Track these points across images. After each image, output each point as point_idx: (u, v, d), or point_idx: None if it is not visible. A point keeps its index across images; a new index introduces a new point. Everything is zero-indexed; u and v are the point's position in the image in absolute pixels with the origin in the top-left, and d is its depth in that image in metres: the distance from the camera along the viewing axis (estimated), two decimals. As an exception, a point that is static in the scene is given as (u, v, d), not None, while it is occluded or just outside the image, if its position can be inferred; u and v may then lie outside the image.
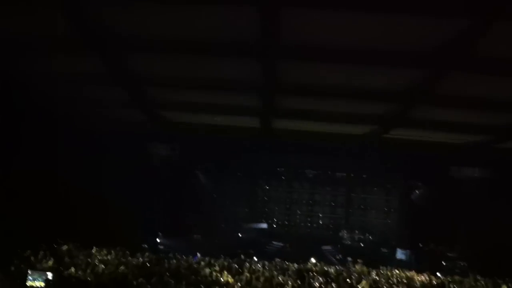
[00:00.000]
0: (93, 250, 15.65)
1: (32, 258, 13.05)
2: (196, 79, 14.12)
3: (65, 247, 15.49)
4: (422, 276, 16.24)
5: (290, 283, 12.43)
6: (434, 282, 15.19)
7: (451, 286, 14.44)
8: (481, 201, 20.12)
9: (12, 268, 11.48)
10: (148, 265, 14.09)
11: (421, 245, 21.30)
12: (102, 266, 12.68)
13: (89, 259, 13.81)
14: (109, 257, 14.83)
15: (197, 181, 22.39)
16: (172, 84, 14.74)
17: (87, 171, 19.02)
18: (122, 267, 12.63)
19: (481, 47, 10.22)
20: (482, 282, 15.28)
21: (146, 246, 18.02)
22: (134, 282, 11.09)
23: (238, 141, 19.76)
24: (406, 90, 13.65)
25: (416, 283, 14.72)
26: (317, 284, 12.97)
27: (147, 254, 16.01)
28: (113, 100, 16.57)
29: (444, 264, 19.68)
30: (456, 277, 16.32)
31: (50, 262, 12.64)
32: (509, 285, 14.79)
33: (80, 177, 18.88)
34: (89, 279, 11.26)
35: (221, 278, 12.53)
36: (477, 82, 12.65)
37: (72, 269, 11.95)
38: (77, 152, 18.62)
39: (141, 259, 14.90)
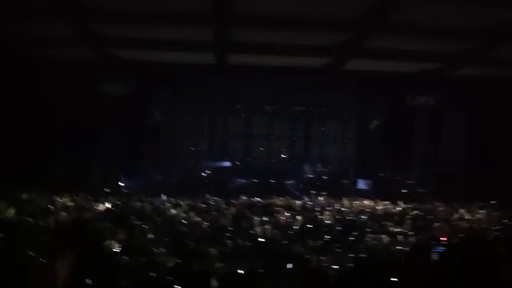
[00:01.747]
0: (55, 197, 15.38)
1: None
2: (146, 13, 13.73)
3: (25, 195, 15.18)
4: (383, 205, 16.69)
5: (257, 218, 12.53)
6: (395, 210, 15.60)
7: (411, 212, 14.86)
8: (437, 129, 20.59)
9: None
10: (113, 209, 13.98)
11: (381, 175, 21.77)
12: (64, 213, 12.47)
13: (51, 206, 13.55)
14: (71, 203, 14.60)
15: (155, 120, 22.08)
16: (121, 19, 14.30)
17: (43, 115, 18.56)
18: (86, 213, 12.45)
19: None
20: (441, 208, 15.80)
21: (108, 190, 17.82)
22: (99, 227, 10.95)
23: (194, 77, 19.44)
24: (360, 18, 13.60)
25: (377, 211, 15.10)
26: (283, 218, 13.14)
27: (110, 198, 15.85)
28: (60, 36, 15.97)
29: (404, 191, 20.21)
30: (415, 204, 16.84)
31: (12, 211, 12.34)
32: (465, 209, 15.35)
33: (37, 122, 18.46)
34: (52, 227, 11.07)
35: (188, 218, 12.53)
36: (431, 9, 12.71)
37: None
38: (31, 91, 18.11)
39: (105, 204, 14.75)
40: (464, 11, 12.71)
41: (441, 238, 10.56)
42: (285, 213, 13.88)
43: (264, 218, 12.71)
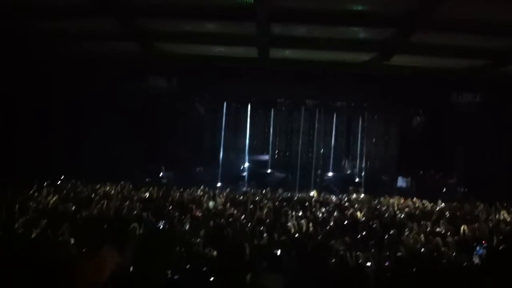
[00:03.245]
0: (97, 186, 15.74)
1: (36, 195, 13.10)
2: (190, 8, 13.88)
3: (68, 184, 15.60)
4: (422, 203, 16.44)
5: (293, 212, 12.54)
6: (434, 209, 15.33)
7: (451, 212, 14.58)
8: (481, 127, 20.09)
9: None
10: (152, 199, 14.20)
11: (421, 173, 21.42)
12: (105, 201, 12.73)
13: (93, 195, 13.87)
14: (112, 192, 14.92)
15: (197, 113, 22.28)
16: (165, 14, 14.50)
17: (88, 108, 19.03)
18: (127, 202, 12.68)
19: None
20: (482, 207, 15.45)
21: (149, 180, 18.12)
22: (139, 216, 11.15)
23: (236, 71, 19.55)
24: (406, 14, 13.43)
25: (416, 210, 14.87)
26: (319, 213, 13.10)
27: (150, 188, 16.10)
28: (105, 32, 16.30)
29: (445, 190, 19.85)
30: (456, 204, 16.53)
31: (55, 198, 12.68)
32: (509, 209, 14.98)
33: (81, 114, 18.93)
34: (94, 214, 11.32)
35: (226, 210, 12.63)
36: (477, 5, 12.45)
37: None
38: (76, 87, 18.57)
39: (145, 194, 15.00)
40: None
41: (482, 241, 10.42)
42: (322, 208, 13.84)
43: (301, 213, 12.73)
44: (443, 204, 16.39)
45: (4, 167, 15.87)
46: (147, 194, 14.75)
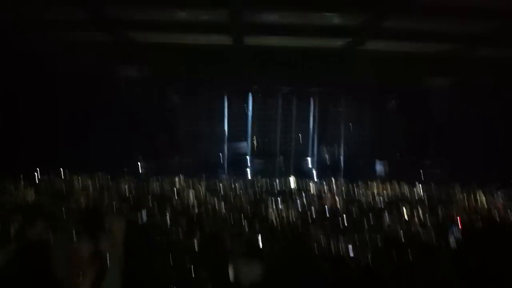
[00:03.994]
0: (74, 177, 15.58)
1: (13, 189, 12.92)
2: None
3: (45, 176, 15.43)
4: (399, 187, 16.64)
5: (273, 200, 12.59)
6: (411, 192, 15.54)
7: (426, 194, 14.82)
8: (455, 109, 20.37)
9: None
10: (131, 189, 14.12)
11: (398, 155, 21.65)
12: (83, 194, 12.62)
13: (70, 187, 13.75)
14: (90, 183, 14.78)
15: (172, 101, 22.14)
16: (137, 1, 14.33)
17: (60, 97, 18.73)
18: (105, 193, 12.60)
19: None
20: (458, 189, 15.71)
21: (126, 170, 17.97)
22: (118, 208, 11.08)
23: (210, 59, 19.42)
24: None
25: (394, 194, 15.08)
26: (299, 201, 13.17)
27: (128, 178, 16.01)
28: (75, 21, 16.04)
29: (422, 172, 20.11)
30: (432, 186, 16.78)
31: (32, 192, 12.53)
32: (484, 190, 15.25)
33: (54, 103, 18.63)
34: (71, 207, 11.21)
35: (206, 199, 12.63)
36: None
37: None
38: (47, 78, 18.27)
39: (123, 184, 14.90)
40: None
41: (458, 221, 10.63)
42: (302, 195, 13.92)
43: (281, 201, 12.79)
44: (420, 186, 16.61)
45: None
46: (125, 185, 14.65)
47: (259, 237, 9.10)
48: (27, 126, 17.96)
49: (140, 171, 19.21)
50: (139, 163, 20.26)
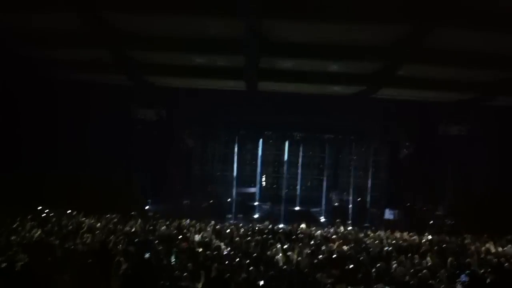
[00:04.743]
0: (82, 218, 15.57)
1: (20, 228, 12.93)
2: (180, 41, 13.99)
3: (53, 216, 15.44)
4: (409, 235, 16.37)
5: (279, 245, 12.45)
6: (422, 241, 15.26)
7: (439, 245, 14.55)
8: (469, 159, 20.20)
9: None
10: (138, 232, 14.05)
11: (409, 204, 21.38)
12: (90, 234, 12.59)
13: (78, 228, 13.72)
14: (98, 224, 14.76)
15: (185, 144, 22.24)
16: (158, 47, 14.60)
17: (73, 137, 18.94)
18: (112, 236, 12.56)
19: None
20: (469, 240, 15.44)
21: (135, 213, 17.93)
22: (124, 250, 11.04)
23: (225, 103, 19.60)
24: (393, 46, 13.55)
25: (404, 242, 14.81)
26: (306, 245, 13.01)
27: (136, 221, 15.96)
28: (97, 63, 16.37)
29: (432, 222, 19.82)
30: (443, 235, 16.51)
31: (38, 232, 12.53)
32: (495, 241, 14.99)
33: (66, 143, 18.81)
34: (79, 248, 11.19)
35: (213, 243, 12.54)
36: (465, 37, 12.60)
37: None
38: (63, 116, 18.55)
39: (131, 227, 14.86)
40: (499, 39, 12.53)
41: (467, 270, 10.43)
42: (308, 241, 13.76)
43: (289, 246, 12.64)
44: (430, 236, 16.34)
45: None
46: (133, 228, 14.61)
47: (265, 281, 9.01)
48: (43, 165, 18.09)
49: (149, 213, 19.14)
50: (148, 205, 20.27)
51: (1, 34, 14.30)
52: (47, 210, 16.08)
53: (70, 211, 16.20)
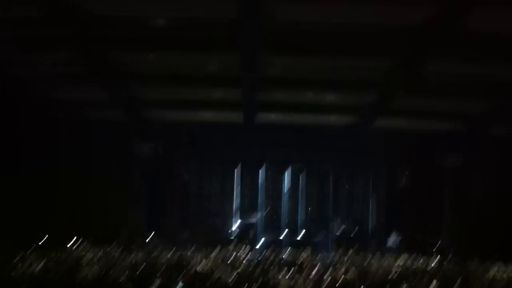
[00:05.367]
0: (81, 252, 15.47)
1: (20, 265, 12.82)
2: (176, 75, 14.18)
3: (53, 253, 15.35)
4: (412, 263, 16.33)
5: (282, 273, 12.41)
6: (425, 268, 15.23)
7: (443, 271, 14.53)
8: (468, 188, 20.35)
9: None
10: (139, 265, 13.98)
11: (410, 233, 21.41)
12: (91, 269, 12.50)
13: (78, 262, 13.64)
14: (98, 257, 14.68)
15: (183, 178, 22.31)
16: (152, 81, 14.78)
17: (70, 170, 18.98)
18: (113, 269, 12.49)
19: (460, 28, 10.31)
20: (472, 267, 15.42)
21: (134, 246, 17.87)
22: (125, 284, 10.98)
23: (222, 135, 19.74)
24: (387, 78, 13.80)
25: (407, 270, 14.78)
26: (310, 274, 12.97)
27: (136, 254, 15.90)
28: (93, 98, 16.52)
29: (434, 251, 19.81)
30: (447, 261, 16.49)
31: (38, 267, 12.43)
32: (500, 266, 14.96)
33: (62, 176, 18.85)
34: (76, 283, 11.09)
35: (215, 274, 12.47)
36: (458, 67, 12.84)
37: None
38: (60, 151, 18.61)
39: (131, 259, 14.79)
40: (491, 68, 12.76)
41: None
42: (312, 268, 13.71)
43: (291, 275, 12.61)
44: (433, 263, 16.32)
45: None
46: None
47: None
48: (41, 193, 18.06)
49: (150, 245, 19.07)
50: (147, 238, 20.23)
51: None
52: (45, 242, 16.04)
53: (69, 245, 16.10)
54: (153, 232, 20.34)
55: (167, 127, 19.94)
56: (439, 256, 18.03)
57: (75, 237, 16.19)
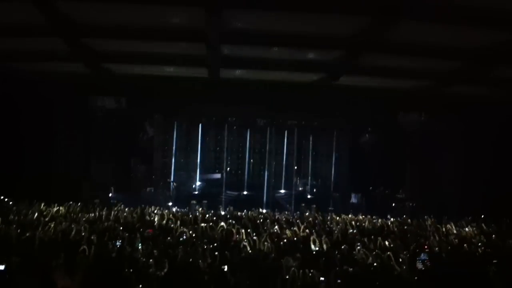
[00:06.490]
0: (43, 207, 15.31)
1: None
2: (141, 29, 13.80)
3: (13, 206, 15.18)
4: (372, 219, 16.70)
5: (243, 231, 12.51)
6: (384, 224, 15.57)
7: (399, 227, 14.89)
8: (428, 145, 20.73)
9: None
10: (101, 220, 13.93)
11: (371, 189, 21.81)
12: (53, 224, 12.39)
13: (39, 217, 13.50)
14: (60, 213, 14.57)
15: (147, 133, 22.13)
16: (116, 35, 14.36)
17: (31, 126, 18.57)
18: (73, 224, 12.41)
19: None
20: (429, 222, 15.85)
21: (97, 201, 17.75)
22: (87, 238, 10.91)
23: (186, 91, 19.44)
24: (353, 36, 13.71)
25: (367, 226, 15.09)
26: (270, 231, 13.11)
27: (99, 209, 15.82)
28: (52, 52, 16.01)
29: (394, 206, 20.28)
30: (405, 218, 16.93)
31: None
32: (453, 223, 15.43)
33: (25, 132, 18.46)
34: (41, 238, 10.99)
35: (177, 230, 12.50)
36: (422, 28, 12.85)
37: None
38: (22, 107, 18.17)
39: (93, 214, 14.73)
40: (456, 31, 12.84)
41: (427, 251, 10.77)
42: (273, 225, 13.87)
43: (253, 231, 12.75)
44: (392, 219, 16.74)
45: None
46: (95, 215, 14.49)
47: (229, 267, 9.06)
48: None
49: (111, 202, 18.97)
50: (110, 193, 20.11)
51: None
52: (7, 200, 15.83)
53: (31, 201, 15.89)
54: (113, 189, 20.29)
55: (130, 81, 19.48)
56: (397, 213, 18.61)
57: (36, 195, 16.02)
